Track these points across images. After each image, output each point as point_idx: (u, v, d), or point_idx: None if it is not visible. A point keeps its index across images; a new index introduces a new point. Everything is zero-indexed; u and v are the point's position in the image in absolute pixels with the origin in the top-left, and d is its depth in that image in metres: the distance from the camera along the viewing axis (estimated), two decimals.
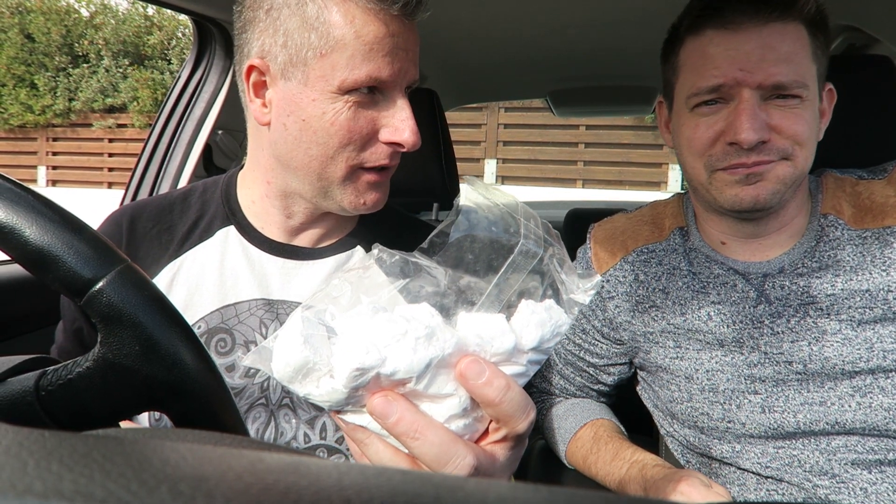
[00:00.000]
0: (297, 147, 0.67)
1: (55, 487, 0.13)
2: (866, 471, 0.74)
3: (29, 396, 0.38)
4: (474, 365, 0.35)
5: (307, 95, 0.65)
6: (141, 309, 0.37)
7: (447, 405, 0.36)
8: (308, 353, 0.34)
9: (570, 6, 1.24)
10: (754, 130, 0.70)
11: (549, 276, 0.39)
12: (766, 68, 0.69)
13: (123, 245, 0.75)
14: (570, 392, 1.02)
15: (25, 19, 9.78)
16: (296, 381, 0.35)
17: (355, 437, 0.38)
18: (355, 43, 0.62)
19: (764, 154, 0.72)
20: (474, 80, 1.93)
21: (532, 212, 0.40)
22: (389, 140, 0.67)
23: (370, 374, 0.34)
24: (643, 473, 0.79)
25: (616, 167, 7.84)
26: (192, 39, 1.33)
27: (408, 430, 0.34)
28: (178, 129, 1.32)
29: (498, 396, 0.35)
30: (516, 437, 0.38)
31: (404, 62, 0.66)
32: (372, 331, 0.34)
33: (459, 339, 0.35)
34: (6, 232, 0.36)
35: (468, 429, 0.37)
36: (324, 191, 0.70)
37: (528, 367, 0.38)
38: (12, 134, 9.97)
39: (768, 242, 0.81)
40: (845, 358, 0.74)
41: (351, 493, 0.14)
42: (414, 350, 0.34)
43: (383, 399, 0.35)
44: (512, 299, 0.38)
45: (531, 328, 0.37)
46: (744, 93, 0.71)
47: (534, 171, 8.16)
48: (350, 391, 0.34)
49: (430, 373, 0.34)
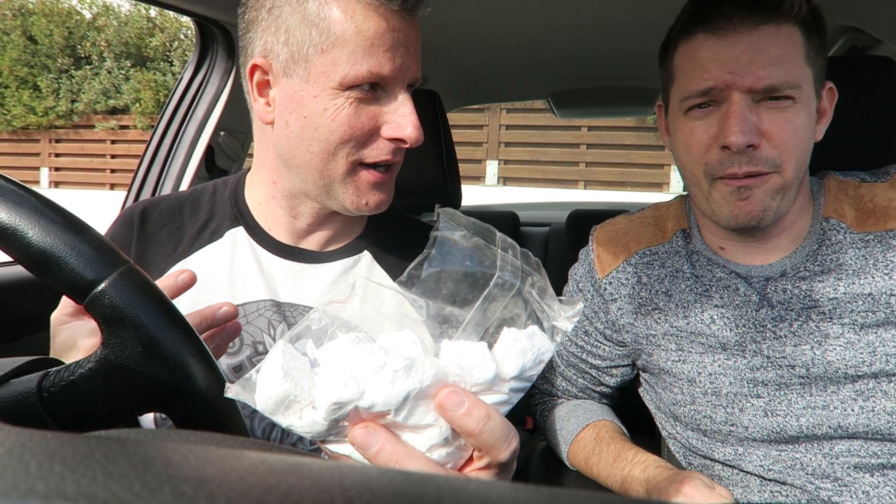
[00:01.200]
0: (299, 144, 0.67)
1: (58, 488, 0.13)
2: (869, 474, 0.73)
3: (31, 397, 0.38)
4: (453, 396, 0.35)
5: (309, 92, 0.65)
6: (143, 310, 0.37)
7: (428, 435, 0.36)
8: (289, 386, 0.34)
9: (572, 7, 1.24)
10: (743, 133, 0.69)
11: (530, 305, 0.39)
12: (756, 71, 0.69)
13: (134, 242, 0.75)
14: (572, 393, 1.02)
15: (28, 21, 9.81)
16: (278, 412, 0.35)
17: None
18: (356, 38, 0.62)
19: (753, 164, 0.71)
20: (476, 82, 1.93)
21: (511, 241, 0.40)
22: (391, 136, 0.66)
23: (349, 408, 0.34)
24: (645, 475, 0.79)
25: (618, 168, 7.83)
26: (195, 41, 1.33)
27: (388, 460, 0.34)
28: (180, 130, 1.32)
29: (478, 427, 0.35)
30: (500, 466, 0.37)
31: (405, 58, 0.65)
32: (351, 363, 0.34)
33: (439, 370, 0.35)
34: (9, 233, 0.36)
35: (451, 457, 0.37)
36: (326, 189, 0.70)
37: (510, 395, 0.38)
38: (15, 135, 9.99)
39: (768, 246, 0.81)
40: (848, 362, 0.74)
41: (353, 494, 0.14)
42: (392, 383, 0.34)
43: (364, 430, 0.35)
44: (492, 329, 0.38)
45: (512, 357, 0.37)
46: (734, 96, 0.71)
47: (535, 172, 8.16)
48: (331, 423, 0.35)
49: (409, 404, 0.35)
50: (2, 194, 0.36)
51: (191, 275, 0.56)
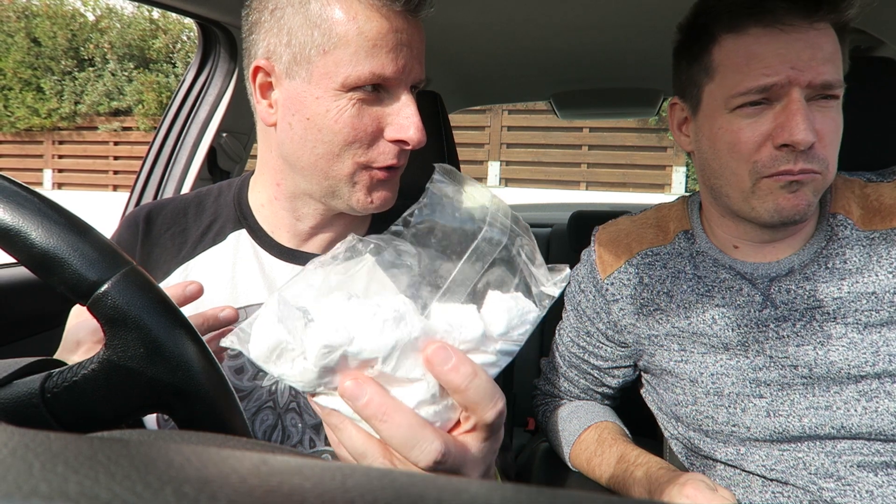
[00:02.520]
0: (302, 146, 0.67)
1: (60, 489, 0.13)
2: (872, 473, 0.73)
3: (34, 398, 0.38)
4: (441, 351, 0.35)
5: (311, 93, 0.65)
6: (146, 311, 0.38)
7: (416, 390, 0.37)
8: (282, 333, 0.35)
9: (574, 9, 1.24)
10: (810, 130, 0.68)
11: (519, 270, 0.40)
12: (816, 67, 0.69)
13: (139, 244, 0.76)
14: (573, 394, 1.02)
15: (31, 23, 9.85)
16: (270, 361, 0.36)
17: (330, 421, 0.39)
18: (358, 39, 0.62)
19: (809, 161, 0.70)
20: (478, 83, 1.93)
21: (503, 202, 0.41)
22: (394, 138, 0.66)
23: (338, 353, 0.35)
24: (648, 476, 0.79)
25: (620, 169, 7.83)
26: (197, 43, 1.34)
27: (376, 412, 0.35)
28: (182, 131, 1.33)
29: (464, 383, 0.35)
30: (487, 428, 0.38)
31: (408, 59, 0.65)
32: (344, 313, 0.35)
33: (428, 325, 0.36)
34: (12, 234, 0.36)
35: (438, 416, 0.37)
36: (331, 190, 0.70)
37: (498, 357, 0.39)
38: (18, 137, 10.03)
39: (781, 245, 0.81)
40: (851, 362, 0.74)
41: (355, 495, 0.14)
42: (381, 331, 0.35)
43: (354, 382, 0.35)
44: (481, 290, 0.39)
45: (498, 314, 0.38)
46: (794, 92, 0.69)
47: (537, 173, 8.16)
48: (321, 371, 0.35)
49: (397, 355, 0.35)
50: (5, 196, 0.36)
51: (198, 286, 0.57)
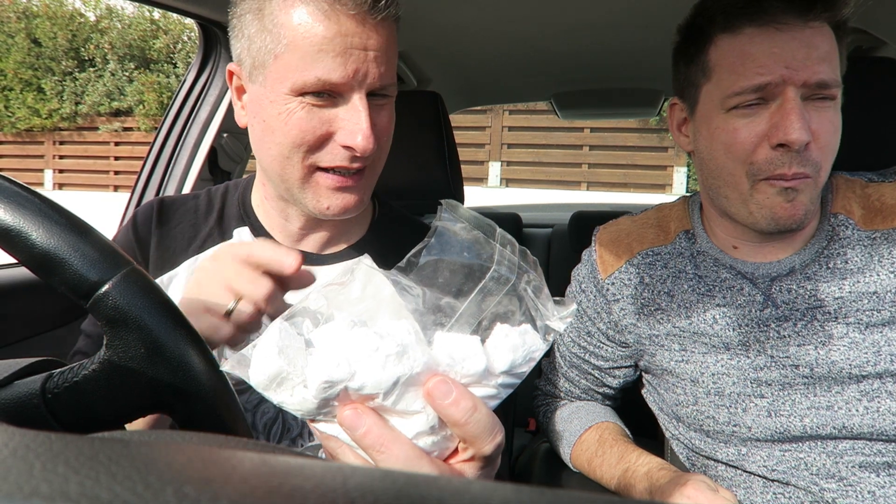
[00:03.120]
0: (261, 147, 0.69)
1: (61, 489, 0.13)
2: (874, 474, 0.73)
3: (35, 399, 0.38)
4: (442, 385, 0.35)
5: (266, 97, 0.66)
6: (146, 312, 0.38)
7: (415, 422, 0.36)
8: (283, 363, 0.35)
9: (575, 8, 1.24)
10: (804, 130, 0.68)
11: (525, 303, 0.39)
12: (811, 66, 0.68)
13: (153, 234, 0.77)
14: (574, 395, 1.02)
15: (32, 24, 9.85)
16: (270, 388, 0.36)
17: (328, 445, 0.39)
18: (303, 44, 0.62)
19: (802, 164, 0.70)
20: (478, 83, 1.93)
21: (510, 238, 0.41)
22: (343, 143, 0.65)
23: (339, 387, 0.34)
24: (649, 477, 0.79)
25: (621, 170, 7.83)
26: (198, 43, 1.34)
27: (374, 443, 0.35)
28: (183, 132, 1.33)
29: (464, 417, 0.35)
30: (484, 458, 0.38)
31: (361, 63, 0.63)
32: (345, 345, 0.35)
33: (430, 358, 0.36)
34: (13, 235, 0.36)
35: (437, 446, 0.37)
36: (289, 192, 0.71)
37: (499, 389, 0.38)
38: (19, 138, 10.04)
39: (780, 245, 0.81)
40: (852, 362, 0.73)
41: (356, 496, 0.14)
42: (383, 367, 0.34)
43: (353, 412, 0.35)
44: (486, 322, 0.39)
45: (503, 352, 0.37)
46: (789, 91, 0.69)
47: (538, 173, 8.15)
48: (321, 402, 0.35)
49: (399, 389, 0.35)
50: (6, 196, 0.36)
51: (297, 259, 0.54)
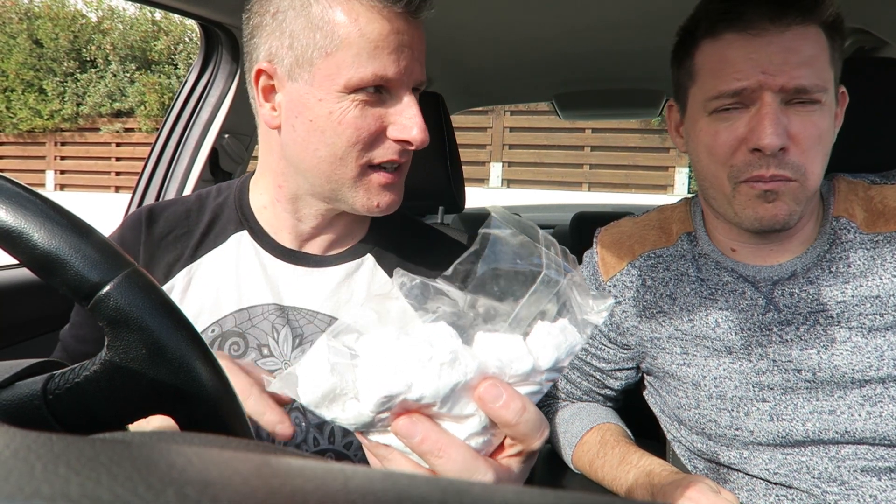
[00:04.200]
0: (305, 148, 0.67)
1: (63, 491, 0.13)
2: (876, 478, 0.73)
3: (37, 400, 0.38)
4: (492, 389, 0.36)
5: (314, 95, 0.65)
6: (148, 313, 0.38)
7: (468, 425, 0.37)
8: (335, 379, 0.35)
9: (576, 9, 1.24)
10: (777, 135, 0.68)
11: (563, 298, 0.40)
12: (789, 71, 0.68)
13: (142, 244, 0.76)
14: (576, 396, 1.01)
15: (34, 25, 9.87)
16: (322, 405, 0.36)
17: (377, 452, 0.39)
18: (360, 41, 0.62)
19: (781, 167, 0.70)
20: (480, 84, 1.93)
21: (551, 239, 0.41)
22: (398, 138, 0.67)
23: (397, 400, 0.35)
24: (650, 478, 0.79)
25: (622, 170, 7.82)
26: (199, 44, 1.34)
27: (432, 448, 0.36)
28: (184, 133, 1.33)
29: (515, 418, 0.36)
30: (530, 454, 0.39)
31: (410, 60, 0.65)
32: (396, 356, 0.35)
33: (481, 363, 0.36)
34: (14, 236, 0.36)
35: (486, 444, 0.38)
36: (335, 192, 0.70)
37: (542, 385, 0.39)
38: (21, 139, 10.04)
39: (780, 248, 0.81)
40: (855, 366, 0.73)
41: (357, 497, 0.14)
42: (439, 376, 0.35)
43: (408, 420, 0.36)
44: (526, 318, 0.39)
45: (548, 350, 0.38)
46: (766, 96, 0.70)
47: (539, 174, 8.15)
48: (376, 415, 0.36)
49: (454, 396, 0.36)
50: (7, 197, 0.36)
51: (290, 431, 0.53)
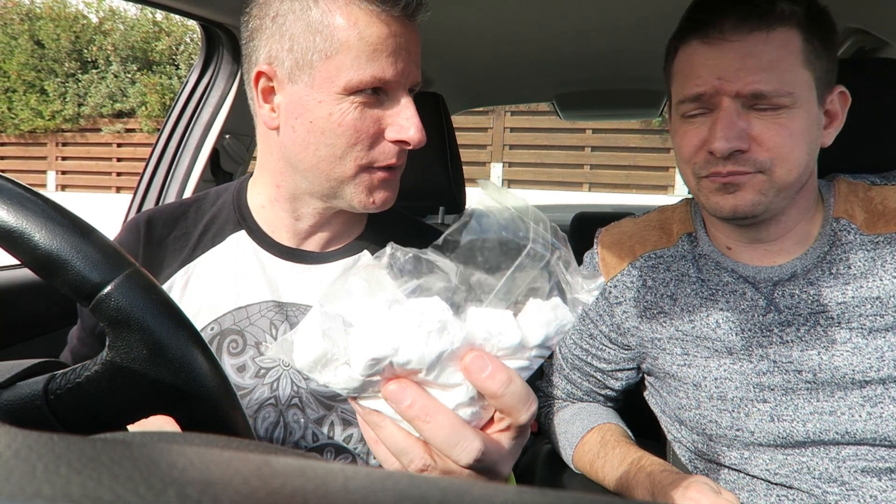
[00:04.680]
0: (305, 149, 0.69)
1: (64, 491, 0.13)
2: (877, 478, 0.73)
3: (38, 400, 0.38)
4: (478, 360, 0.37)
5: (314, 97, 0.66)
6: (149, 313, 0.38)
7: (455, 394, 0.38)
8: (327, 344, 0.36)
9: (577, 10, 1.24)
10: (727, 140, 0.71)
11: (555, 276, 0.41)
12: (745, 77, 0.70)
13: (141, 249, 0.77)
14: (576, 397, 1.01)
15: (35, 25, 9.88)
16: (315, 370, 0.37)
17: (370, 420, 0.40)
18: (359, 44, 0.64)
19: (739, 165, 0.72)
20: (480, 84, 1.93)
21: (542, 215, 0.42)
22: (396, 138, 0.68)
23: (384, 363, 0.36)
24: (651, 479, 0.79)
25: (623, 171, 7.82)
26: (200, 44, 1.34)
27: (419, 413, 0.37)
28: (185, 133, 1.33)
29: (500, 389, 0.37)
30: (519, 427, 0.40)
31: (407, 63, 0.67)
32: (387, 323, 0.36)
33: (468, 334, 0.37)
34: (16, 236, 0.36)
35: (475, 416, 0.39)
36: (333, 191, 0.71)
37: (531, 361, 0.40)
38: (22, 139, 10.06)
39: (774, 248, 0.81)
40: (855, 367, 0.73)
41: (357, 497, 0.14)
42: (426, 342, 0.36)
43: (397, 385, 0.37)
44: (519, 297, 0.40)
45: (537, 327, 0.39)
46: (723, 101, 0.72)
47: (540, 174, 8.15)
48: (366, 379, 0.37)
49: (441, 364, 0.37)
50: (9, 197, 0.36)
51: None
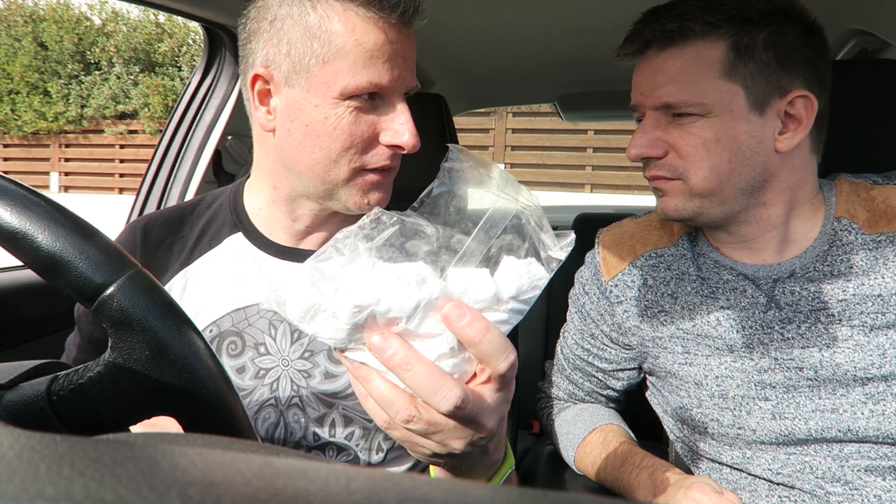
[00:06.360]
0: (300, 151, 0.69)
1: (66, 492, 0.13)
2: (880, 478, 0.73)
3: (41, 401, 0.38)
4: (456, 309, 0.39)
5: (310, 101, 0.67)
6: (151, 314, 0.38)
7: (436, 344, 0.41)
8: (316, 296, 0.39)
9: (578, 11, 1.24)
10: (636, 147, 0.78)
11: (528, 236, 0.44)
12: (655, 91, 0.76)
13: (138, 254, 0.77)
14: (578, 397, 1.01)
15: (39, 27, 9.92)
16: (305, 320, 0.40)
17: (358, 374, 0.42)
18: (356, 50, 0.65)
19: (656, 170, 0.79)
20: (482, 85, 1.93)
21: (510, 176, 0.45)
22: (390, 143, 0.69)
23: (366, 312, 0.39)
24: (653, 479, 0.79)
25: (624, 172, 7.81)
26: (203, 46, 1.34)
27: (400, 362, 0.39)
28: (188, 134, 1.33)
29: (478, 336, 0.39)
30: (500, 379, 0.42)
31: (402, 68, 0.68)
32: (371, 276, 0.39)
33: (446, 286, 0.40)
34: (19, 237, 0.36)
35: (457, 368, 0.41)
36: (328, 192, 0.72)
37: (509, 315, 0.42)
38: (26, 141, 10.10)
39: (758, 246, 0.81)
40: (857, 364, 0.73)
41: (359, 498, 0.14)
42: (406, 292, 0.39)
43: (380, 336, 0.39)
44: (495, 255, 0.43)
45: (510, 279, 0.42)
46: (647, 113, 0.79)
47: (542, 175, 8.15)
48: (351, 328, 0.39)
49: (420, 314, 0.39)
50: (12, 199, 0.36)
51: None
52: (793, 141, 0.75)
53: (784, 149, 0.75)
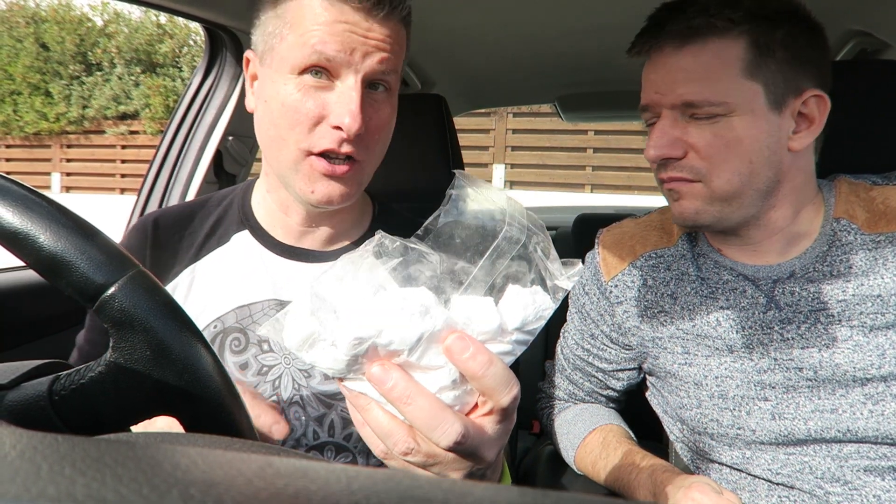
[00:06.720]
0: (260, 128, 0.71)
1: (68, 491, 0.13)
2: (879, 478, 0.73)
3: (42, 401, 0.38)
4: (459, 341, 0.38)
5: (271, 78, 0.69)
6: (152, 314, 0.38)
7: (438, 376, 0.39)
8: (315, 325, 0.37)
9: (579, 11, 1.24)
10: (655, 147, 0.76)
11: (535, 264, 0.42)
12: (675, 89, 0.74)
13: (148, 250, 0.78)
14: (578, 397, 1.01)
15: (40, 28, 9.93)
16: (303, 349, 0.38)
17: (357, 403, 0.41)
18: (304, 22, 0.65)
19: (675, 171, 0.76)
20: (482, 86, 1.93)
21: (518, 203, 0.44)
22: (333, 124, 0.66)
23: (367, 344, 0.37)
24: (653, 479, 0.79)
25: (625, 172, 7.81)
26: (204, 47, 1.34)
27: (401, 395, 0.38)
28: (189, 135, 1.33)
29: (481, 370, 0.38)
30: (502, 412, 0.40)
31: (359, 45, 0.65)
32: (372, 306, 0.38)
33: (449, 317, 0.39)
34: (21, 238, 0.36)
35: (458, 400, 0.40)
36: (283, 177, 0.72)
37: (513, 346, 0.41)
38: (27, 141, 10.11)
39: (763, 248, 0.81)
40: (857, 365, 0.73)
41: (360, 498, 0.14)
42: (408, 324, 0.37)
43: (381, 367, 0.38)
44: (500, 283, 0.42)
45: (515, 310, 0.40)
46: (663, 112, 0.76)
47: (542, 175, 8.14)
48: (350, 359, 0.38)
49: (422, 346, 0.38)
50: (14, 199, 0.37)
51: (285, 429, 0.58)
52: (806, 140, 0.76)
53: (797, 147, 0.75)
